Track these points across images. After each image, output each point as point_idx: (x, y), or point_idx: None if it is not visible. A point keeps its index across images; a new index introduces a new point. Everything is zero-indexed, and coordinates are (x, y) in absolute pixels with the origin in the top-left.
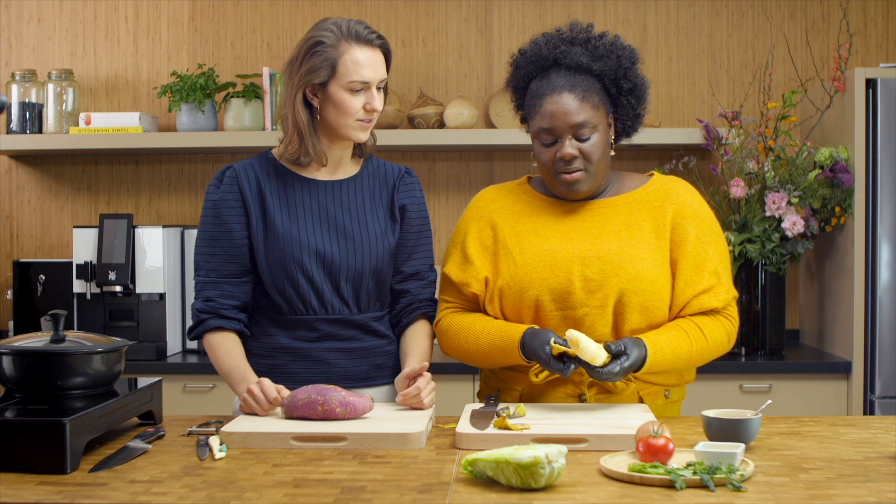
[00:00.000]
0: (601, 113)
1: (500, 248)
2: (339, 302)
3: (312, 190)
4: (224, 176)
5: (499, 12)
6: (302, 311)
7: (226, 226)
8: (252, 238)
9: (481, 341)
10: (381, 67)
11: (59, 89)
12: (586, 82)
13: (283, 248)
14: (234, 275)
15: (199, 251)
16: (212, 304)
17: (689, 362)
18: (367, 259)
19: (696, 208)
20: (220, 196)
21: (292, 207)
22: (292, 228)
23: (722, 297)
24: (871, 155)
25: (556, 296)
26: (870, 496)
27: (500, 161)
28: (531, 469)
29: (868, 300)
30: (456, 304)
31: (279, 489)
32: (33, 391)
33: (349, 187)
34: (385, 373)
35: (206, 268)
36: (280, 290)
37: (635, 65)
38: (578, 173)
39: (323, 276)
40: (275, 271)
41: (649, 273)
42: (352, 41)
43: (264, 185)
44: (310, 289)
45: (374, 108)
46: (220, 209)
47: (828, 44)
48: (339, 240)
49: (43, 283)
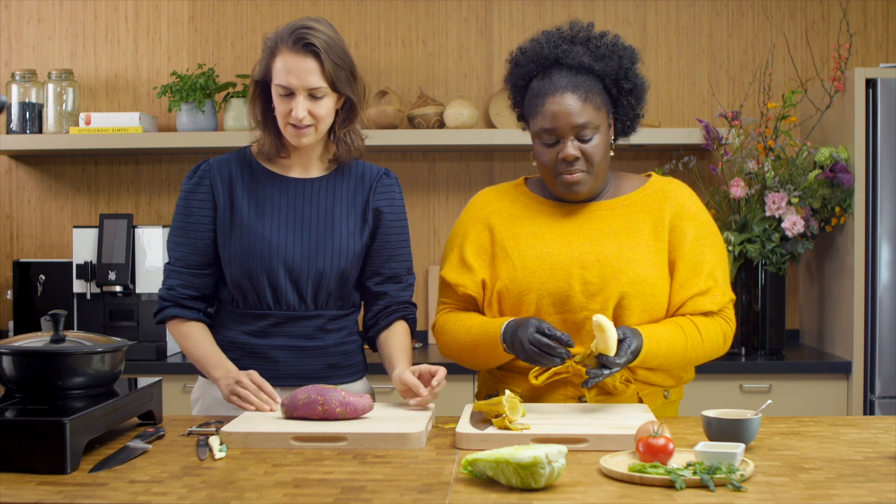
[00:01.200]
0: (602, 113)
1: (499, 251)
2: (295, 299)
3: (283, 187)
4: (199, 169)
5: (499, 12)
6: (256, 304)
7: (193, 217)
8: (217, 231)
9: (470, 335)
10: (309, 75)
11: (59, 89)
12: (588, 83)
13: (245, 242)
14: (197, 266)
15: (170, 240)
16: (173, 292)
17: (685, 358)
18: (328, 259)
19: (694, 210)
20: (191, 187)
21: (261, 203)
22: (257, 223)
23: (718, 299)
24: (871, 155)
25: (555, 299)
26: (870, 496)
27: (500, 161)
28: (531, 469)
29: (868, 300)
30: (453, 306)
31: (279, 489)
32: (33, 391)
33: (321, 186)
34: (339, 372)
35: (173, 256)
36: (237, 283)
37: (636, 65)
38: (580, 174)
39: (283, 272)
40: (234, 264)
41: (649, 276)
42: (283, 45)
43: (236, 179)
44: (266, 284)
45: (296, 115)
46: (189, 201)
47: (828, 44)
48: (303, 238)
49: (43, 283)
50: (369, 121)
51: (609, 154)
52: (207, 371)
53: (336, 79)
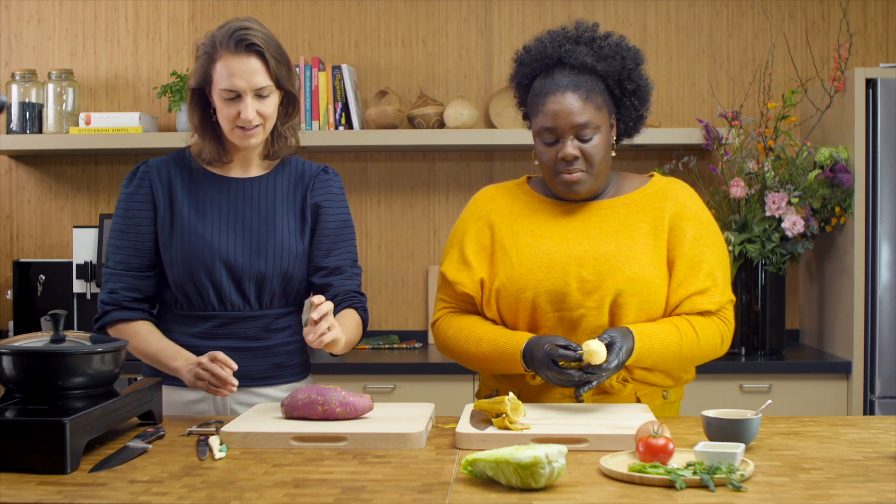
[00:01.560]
0: (604, 114)
1: (498, 249)
2: (239, 299)
3: (223, 187)
4: (138, 171)
5: (499, 12)
6: (200, 306)
7: (133, 219)
8: (158, 232)
9: (483, 346)
10: (255, 75)
11: (59, 89)
12: (590, 82)
13: (186, 244)
14: (138, 268)
15: (110, 243)
16: (115, 296)
17: (680, 357)
18: (271, 260)
19: (695, 210)
20: (130, 190)
21: (201, 204)
22: (198, 224)
23: (716, 299)
24: (871, 155)
25: (552, 297)
26: (870, 496)
27: (500, 161)
28: (531, 469)
29: (868, 300)
30: (452, 304)
31: (279, 489)
32: (33, 391)
33: (261, 185)
34: (285, 372)
35: (113, 259)
36: (180, 286)
37: (640, 66)
38: (579, 174)
39: (225, 274)
40: (176, 266)
41: (646, 274)
42: (223, 49)
43: (175, 181)
44: (209, 285)
45: (245, 118)
46: (129, 203)
47: (828, 44)
48: (244, 239)
49: (43, 283)
50: (369, 121)
51: (610, 154)
52: (166, 364)
53: (279, 75)
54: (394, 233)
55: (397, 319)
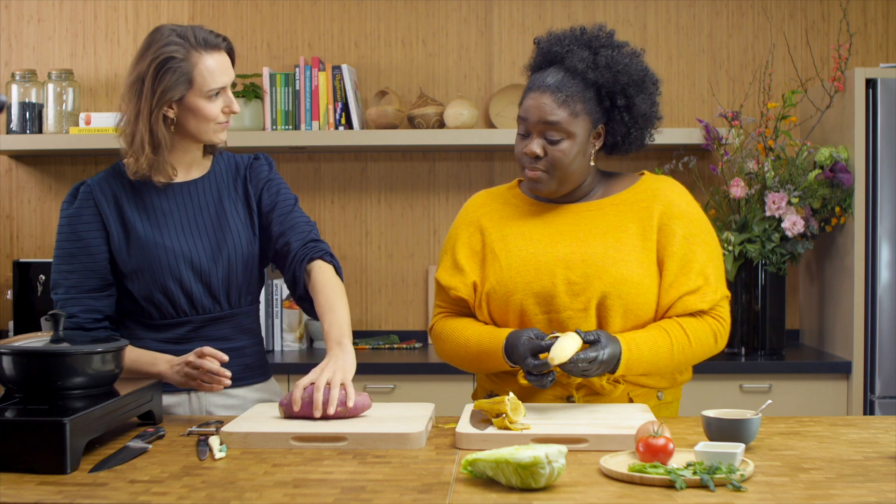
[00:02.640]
0: (582, 122)
1: (488, 253)
2: (209, 301)
3: (169, 193)
4: (78, 192)
5: (499, 12)
6: (172, 314)
7: (83, 241)
8: (113, 251)
9: (470, 346)
10: (230, 69)
11: (59, 89)
12: (575, 88)
13: (149, 256)
14: (95, 289)
15: (57, 269)
16: (75, 319)
17: (672, 362)
18: (232, 254)
19: (684, 208)
20: (74, 211)
21: (152, 214)
22: (155, 235)
23: (709, 298)
24: (871, 155)
25: (540, 299)
26: (870, 496)
27: (500, 161)
28: (531, 469)
29: (868, 300)
30: (447, 309)
31: (279, 489)
32: (33, 391)
33: (204, 185)
34: (255, 373)
35: (65, 285)
36: (148, 297)
37: (639, 84)
38: (540, 173)
39: (192, 278)
40: (142, 280)
41: (633, 275)
42: (201, 49)
43: (120, 196)
44: (179, 291)
45: (232, 110)
46: (75, 225)
47: (828, 44)
48: (202, 239)
49: (43, 283)
50: (369, 121)
51: (584, 163)
52: (146, 372)
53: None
54: (394, 233)
55: (397, 319)
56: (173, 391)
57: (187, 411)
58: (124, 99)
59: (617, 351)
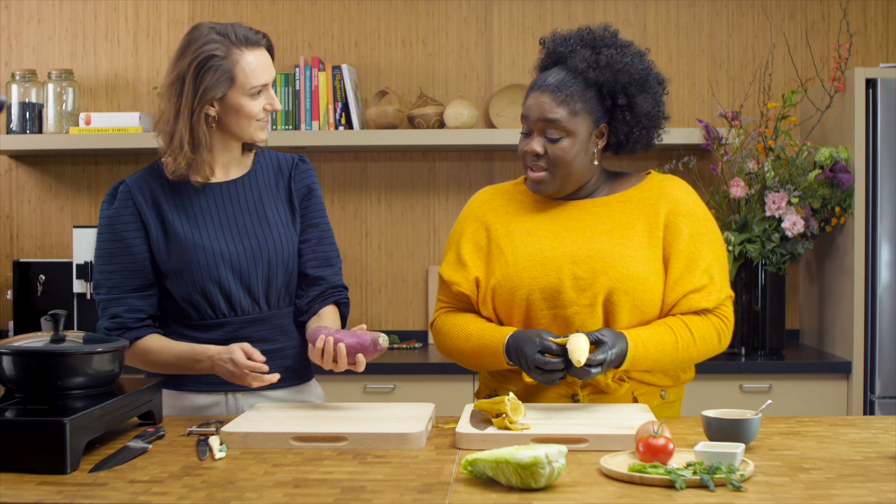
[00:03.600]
0: (583, 120)
1: (494, 248)
2: (249, 302)
3: (208, 193)
4: (117, 191)
5: (499, 12)
6: (211, 315)
7: (123, 241)
8: (153, 251)
9: (471, 342)
10: (271, 66)
11: (59, 89)
12: (576, 87)
13: (188, 256)
14: (137, 289)
15: (99, 269)
16: (119, 320)
17: (676, 360)
18: (273, 255)
19: (691, 207)
20: (114, 212)
21: (191, 214)
22: (194, 235)
23: (713, 297)
24: (871, 155)
25: (546, 295)
26: (870, 496)
27: (500, 161)
28: (531, 469)
29: (868, 300)
30: (449, 304)
31: (279, 489)
32: (33, 391)
33: (244, 185)
34: (294, 374)
35: (107, 286)
36: (187, 298)
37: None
38: (542, 173)
39: (231, 279)
40: (181, 280)
41: (640, 272)
42: (242, 47)
43: (159, 196)
44: (218, 293)
45: (274, 107)
46: (115, 225)
47: (828, 44)
48: (243, 240)
49: (43, 283)
50: (369, 121)
51: (585, 161)
52: (192, 368)
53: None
54: (394, 233)
55: (397, 319)
56: (210, 391)
57: (224, 412)
58: (163, 98)
59: (623, 347)
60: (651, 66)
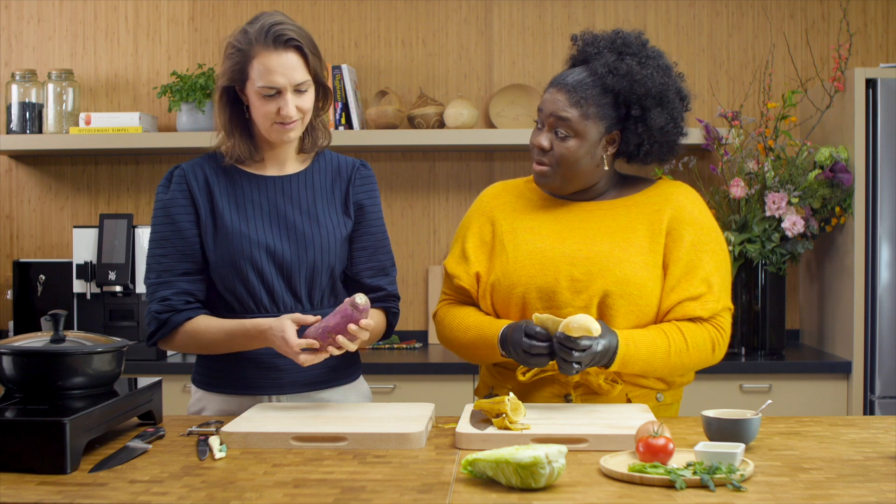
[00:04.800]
0: (593, 124)
1: (497, 244)
2: (291, 299)
3: (261, 186)
4: (173, 176)
5: (499, 12)
6: (252, 308)
7: (176, 225)
8: (202, 236)
9: (469, 333)
10: (295, 70)
11: (59, 89)
12: (592, 90)
13: (233, 245)
14: (187, 273)
15: (152, 253)
16: (168, 302)
17: (668, 364)
18: (318, 256)
19: (696, 215)
20: (169, 196)
21: (241, 204)
22: (241, 225)
23: (710, 306)
24: (871, 155)
25: (542, 294)
26: (870, 496)
27: (500, 161)
28: (531, 469)
29: (868, 300)
30: (452, 297)
31: (279, 489)
32: (33, 391)
33: (299, 182)
34: (339, 375)
35: (157, 269)
36: (230, 288)
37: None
38: (545, 167)
39: (274, 273)
40: (224, 269)
41: (637, 276)
42: (261, 45)
43: (213, 182)
44: (260, 285)
45: (287, 114)
46: (169, 209)
47: (828, 44)
48: (289, 237)
49: (43, 283)
50: (369, 121)
51: (591, 164)
52: (243, 345)
53: (317, 69)
54: (394, 233)
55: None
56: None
57: None
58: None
59: (613, 344)
60: (674, 81)
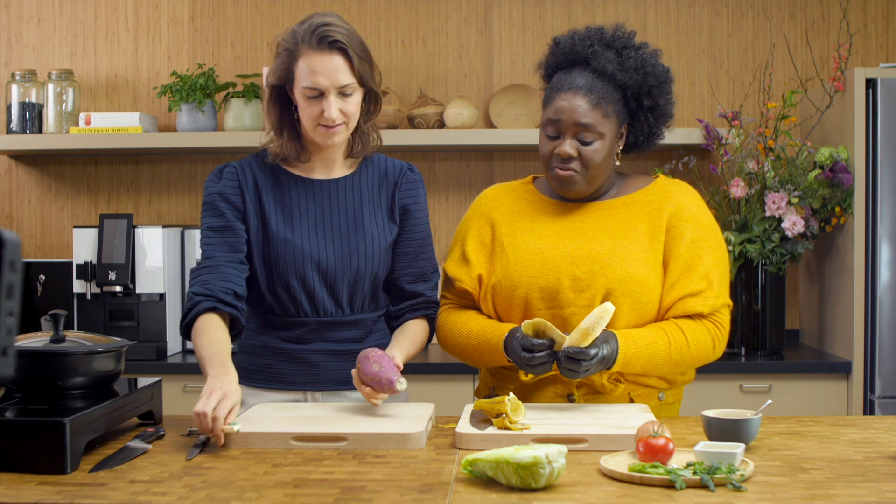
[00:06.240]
0: (612, 122)
1: (497, 246)
2: (332, 304)
3: (308, 189)
4: (223, 172)
5: (499, 12)
6: (293, 313)
7: (225, 217)
8: (249, 234)
9: (472, 338)
10: (338, 73)
11: (59, 89)
12: (606, 89)
13: (277, 250)
14: (232, 262)
15: (203, 243)
16: (209, 286)
17: (669, 362)
18: (362, 262)
19: (695, 212)
20: (220, 189)
21: (287, 208)
22: (286, 230)
23: (710, 302)
24: (871, 155)
25: (544, 294)
26: (870, 496)
27: (500, 161)
28: (531, 469)
29: (868, 300)
30: (453, 301)
31: (279, 489)
32: (33, 391)
33: (346, 186)
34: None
35: (207, 254)
36: (272, 291)
37: (663, 85)
38: (572, 173)
39: (317, 279)
40: (268, 272)
41: (638, 274)
42: (306, 45)
43: (261, 184)
44: (302, 291)
45: (329, 116)
46: (219, 202)
47: (828, 44)
48: (334, 242)
49: (43, 283)
50: None
51: (611, 161)
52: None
53: (363, 73)
54: None
55: None
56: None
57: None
58: None
59: (614, 347)
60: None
